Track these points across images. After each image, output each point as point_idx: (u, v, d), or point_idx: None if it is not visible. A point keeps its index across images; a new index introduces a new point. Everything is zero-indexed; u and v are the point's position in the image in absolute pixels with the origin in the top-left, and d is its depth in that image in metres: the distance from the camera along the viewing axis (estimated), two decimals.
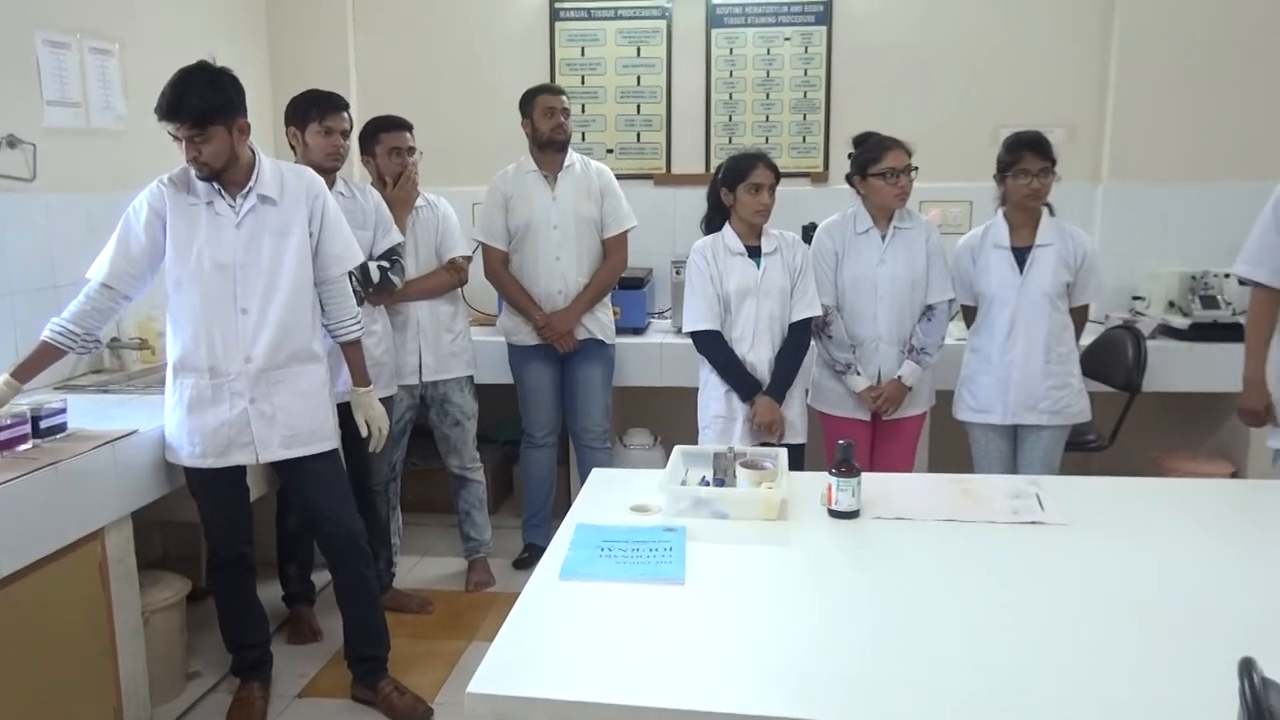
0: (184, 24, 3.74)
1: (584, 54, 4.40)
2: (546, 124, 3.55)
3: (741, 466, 2.21)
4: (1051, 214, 3.11)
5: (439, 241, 3.49)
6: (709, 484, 2.25)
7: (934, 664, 1.49)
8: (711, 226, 3.12)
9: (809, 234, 3.41)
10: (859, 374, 3.15)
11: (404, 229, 3.31)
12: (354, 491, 2.85)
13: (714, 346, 3.05)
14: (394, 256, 3.20)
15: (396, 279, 3.20)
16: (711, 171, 3.43)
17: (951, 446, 3.45)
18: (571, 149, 3.67)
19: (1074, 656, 1.51)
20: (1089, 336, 3.59)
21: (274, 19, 4.40)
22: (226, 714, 2.81)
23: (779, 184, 3.03)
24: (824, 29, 4.26)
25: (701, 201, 3.18)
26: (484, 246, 3.66)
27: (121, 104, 3.37)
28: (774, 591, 1.77)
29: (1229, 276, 3.68)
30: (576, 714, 1.41)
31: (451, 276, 3.51)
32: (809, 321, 3.09)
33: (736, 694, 1.41)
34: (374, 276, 3.10)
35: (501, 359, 3.79)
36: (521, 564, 3.81)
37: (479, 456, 3.70)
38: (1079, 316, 3.16)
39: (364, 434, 2.84)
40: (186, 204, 2.53)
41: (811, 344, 3.18)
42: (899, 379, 3.13)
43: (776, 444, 2.91)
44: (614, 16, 4.36)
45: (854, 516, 2.08)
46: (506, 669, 1.50)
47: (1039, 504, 2.12)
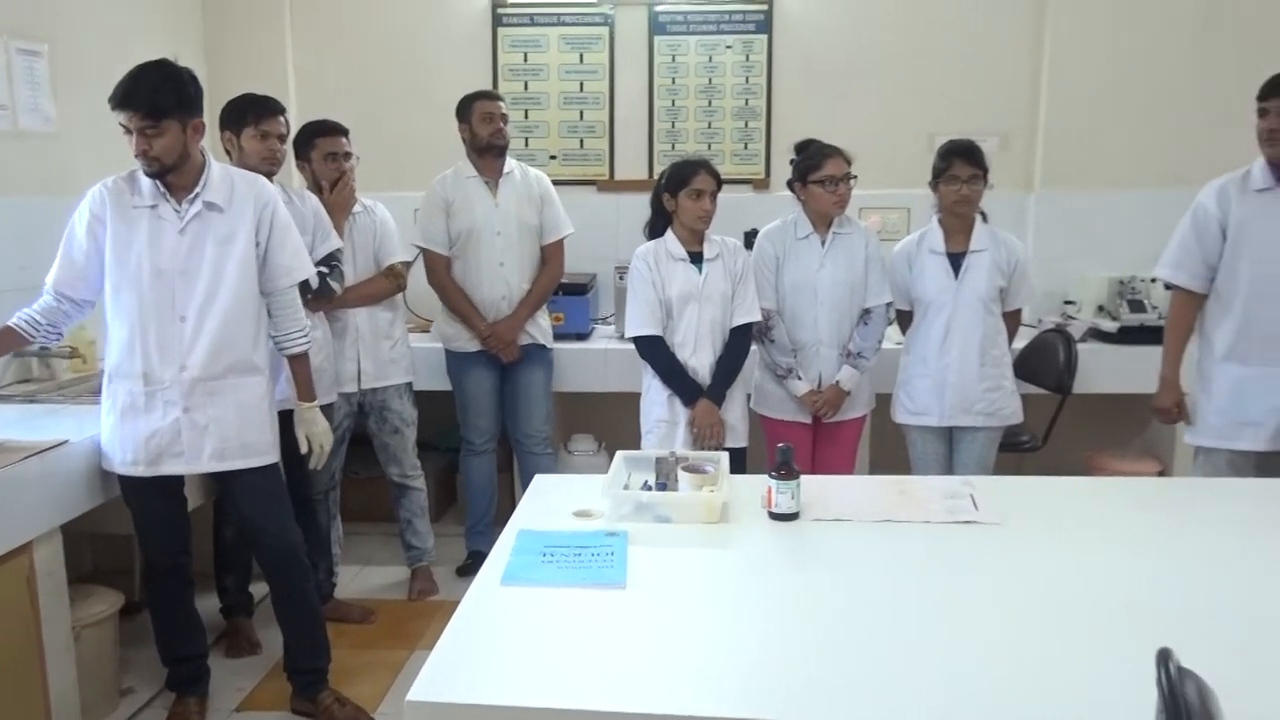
0: (116, 25, 3.66)
1: (527, 60, 4.40)
2: (485, 129, 3.55)
3: (683, 470, 2.23)
4: (985, 220, 3.19)
5: (377, 247, 3.47)
6: (651, 488, 2.27)
7: (872, 661, 1.52)
8: (654, 232, 3.14)
9: (751, 240, 3.45)
10: (799, 378, 3.19)
11: (341, 234, 3.28)
12: (293, 501, 2.80)
13: (656, 352, 3.07)
14: (333, 262, 3.17)
15: (336, 285, 3.16)
16: (654, 178, 3.45)
17: (892, 448, 3.51)
18: (509, 156, 3.67)
19: (1005, 650, 1.55)
20: (1022, 340, 3.68)
21: (210, 21, 4.33)
22: None
23: (721, 190, 3.07)
24: (764, 38, 4.32)
25: (645, 207, 3.19)
26: (425, 252, 3.64)
27: (50, 106, 3.29)
28: (715, 594, 1.78)
29: (1155, 281, 3.80)
30: (517, 719, 1.41)
31: (390, 283, 3.48)
32: (749, 326, 3.12)
33: (678, 696, 1.42)
34: (313, 283, 3.06)
35: (440, 365, 3.77)
36: (465, 571, 3.78)
37: (419, 464, 3.68)
38: (1012, 321, 3.25)
39: (304, 450, 2.78)
40: (129, 207, 2.48)
41: (754, 348, 3.22)
42: (838, 383, 3.18)
43: (718, 448, 2.94)
44: (557, 22, 4.37)
45: (794, 518, 2.10)
46: (447, 676, 1.49)
47: (973, 504, 2.16)
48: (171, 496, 2.66)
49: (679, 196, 3.03)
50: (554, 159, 4.44)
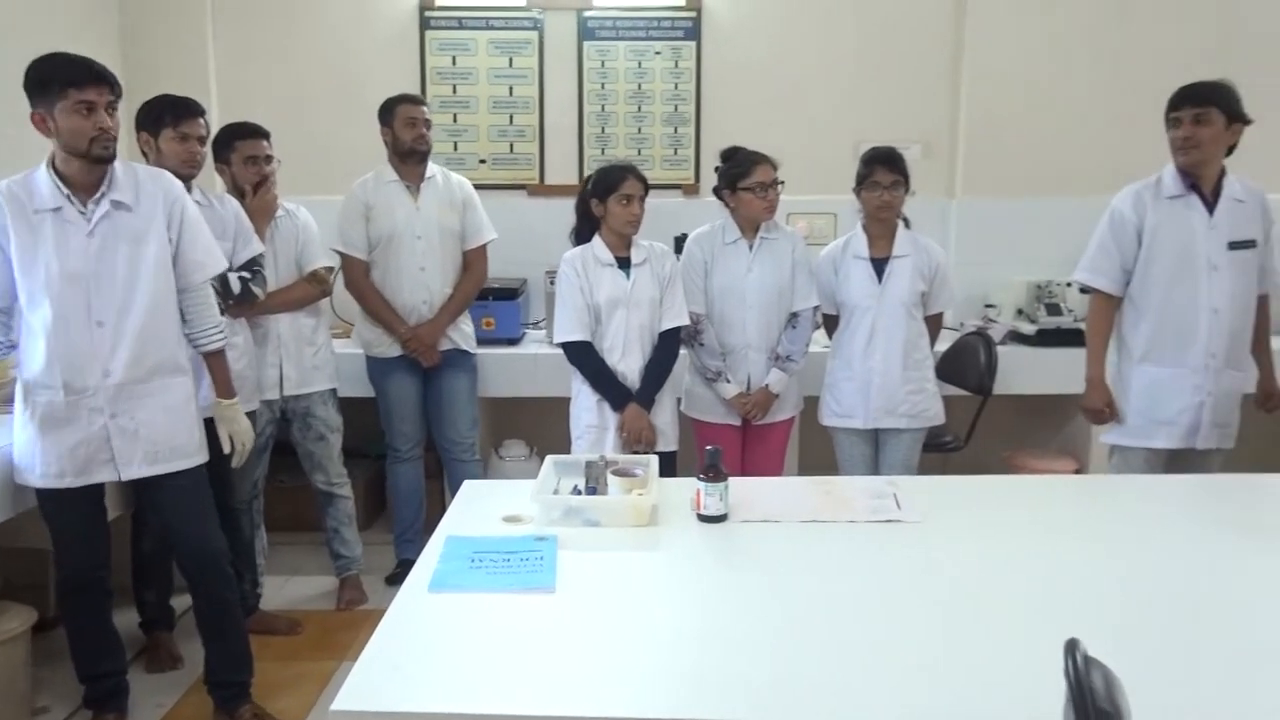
0: (28, 24, 3.54)
1: (455, 63, 4.37)
2: (408, 134, 3.52)
3: (613, 474, 2.23)
4: (907, 226, 3.26)
5: (299, 252, 3.41)
6: (581, 493, 2.27)
7: (798, 657, 1.55)
8: (580, 238, 3.15)
9: (681, 245, 3.47)
10: (729, 381, 3.22)
11: (263, 239, 3.22)
12: (216, 510, 2.75)
13: (585, 357, 3.07)
14: (255, 267, 3.11)
15: (258, 290, 3.10)
16: (586, 182, 3.46)
17: (820, 449, 3.56)
18: (431, 161, 3.65)
19: (923, 643, 1.59)
20: (944, 343, 3.77)
21: (127, 19, 4.21)
22: None
23: (648, 195, 3.08)
24: (693, 44, 4.35)
25: (574, 212, 3.20)
26: (344, 257, 3.59)
27: None
28: (644, 596, 1.79)
29: (1071, 285, 3.93)
30: None
31: (313, 288, 3.43)
32: (678, 330, 3.14)
33: (608, 698, 1.43)
34: (234, 288, 3.00)
35: (356, 370, 3.72)
36: (394, 580, 3.73)
37: (345, 472, 3.62)
38: (934, 324, 3.32)
39: (226, 450, 2.72)
40: (29, 212, 2.38)
41: (683, 352, 3.24)
42: (766, 386, 3.22)
43: (648, 451, 2.95)
44: (485, 26, 4.35)
45: (722, 520, 2.12)
46: (372, 685, 1.47)
47: (896, 503, 2.21)
48: (93, 507, 2.58)
49: (608, 202, 3.03)
50: (484, 163, 4.42)
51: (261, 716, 2.73)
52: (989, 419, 3.84)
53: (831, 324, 3.36)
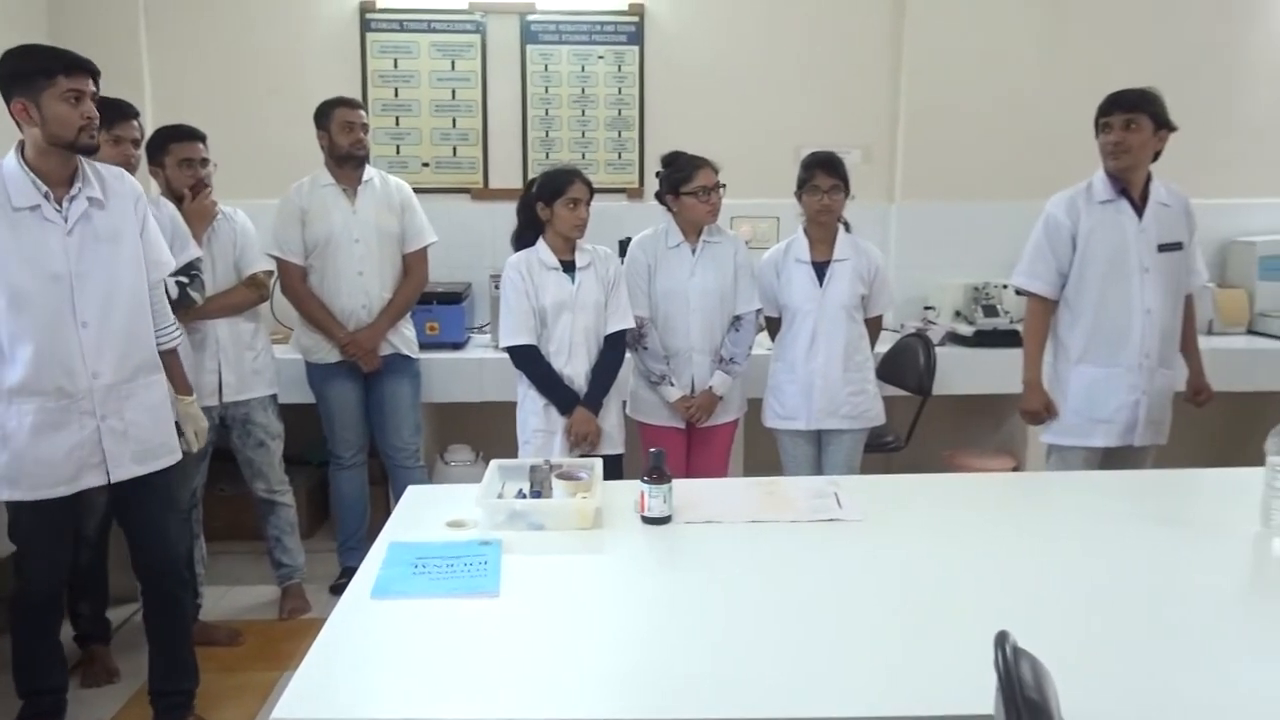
0: None
1: (397, 66, 4.33)
2: (346, 139, 3.48)
3: (557, 478, 2.24)
4: (848, 230, 3.31)
5: (238, 256, 3.36)
6: (526, 496, 2.27)
7: (740, 654, 1.56)
8: (522, 241, 3.15)
9: (625, 248, 3.48)
10: (672, 384, 3.24)
11: (200, 243, 3.17)
12: None
13: (531, 361, 3.07)
14: (193, 272, 3.05)
15: (196, 295, 3.05)
16: (530, 186, 3.46)
17: (765, 451, 3.59)
18: (372, 164, 3.62)
19: (862, 637, 1.62)
20: (885, 344, 3.83)
21: (56, 20, 4.10)
22: None
23: (592, 199, 3.09)
24: (636, 49, 4.37)
25: None
26: (280, 261, 3.54)
27: None
28: (588, 598, 1.80)
29: (1007, 287, 4.01)
30: None
31: (252, 293, 3.38)
32: (624, 333, 3.15)
33: (551, 700, 1.44)
34: (172, 293, 2.94)
35: (296, 376, 3.67)
36: (338, 589, 3.68)
37: (287, 479, 3.57)
38: (874, 327, 3.38)
39: (193, 449, 2.75)
40: (8, 210, 2.32)
41: (629, 356, 3.25)
42: (710, 389, 3.24)
43: (594, 454, 2.96)
44: (427, 29, 4.32)
45: (666, 522, 2.13)
46: (313, 693, 1.46)
47: (837, 502, 2.24)
48: (71, 517, 2.55)
49: (554, 205, 3.03)
50: (426, 166, 4.39)
51: None
52: (929, 419, 3.91)
53: (774, 327, 3.40)
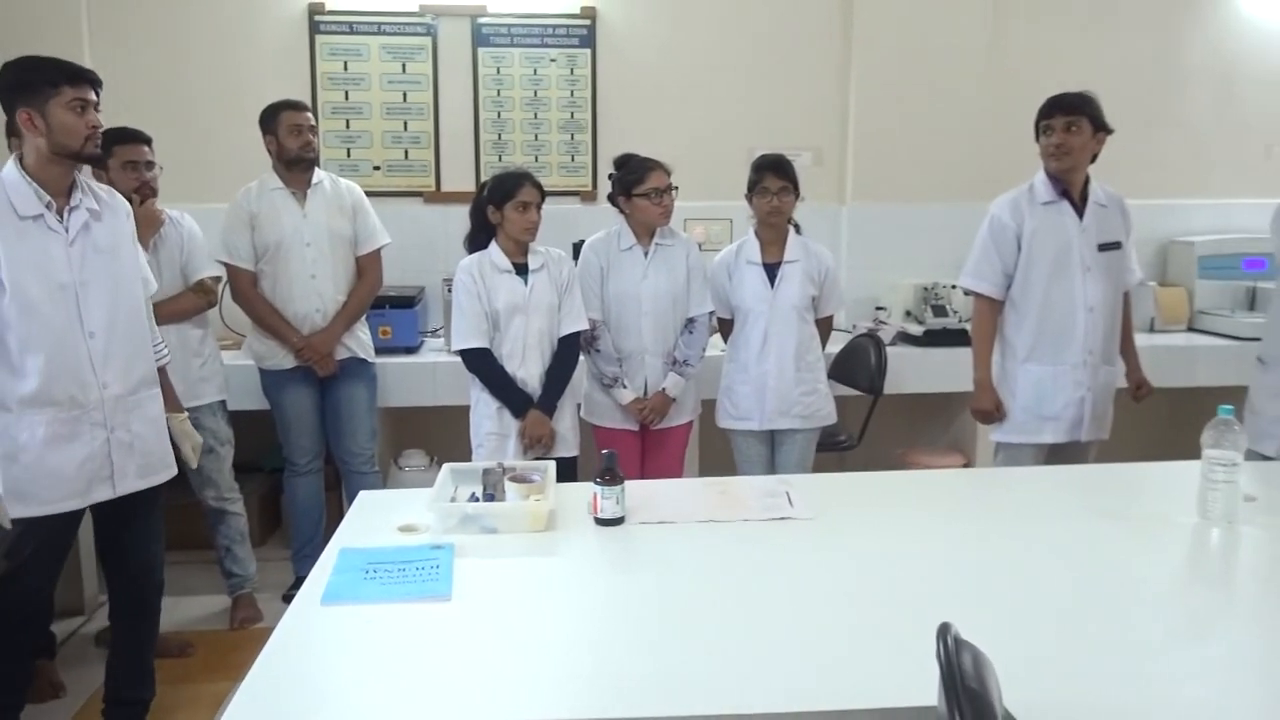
0: None
1: (347, 68, 4.30)
2: (294, 142, 3.45)
3: (510, 481, 2.23)
4: (798, 232, 3.34)
5: (185, 261, 3.32)
6: (479, 500, 2.26)
7: (692, 653, 1.57)
8: (475, 245, 3.14)
9: (579, 251, 3.49)
10: (625, 386, 3.25)
11: (147, 248, 3.11)
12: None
13: (483, 364, 3.06)
14: None
15: None
16: (482, 189, 3.45)
17: (720, 451, 3.62)
18: (322, 167, 3.59)
19: (811, 633, 1.64)
20: (837, 345, 3.87)
21: None
22: None
23: (544, 202, 3.09)
24: (588, 52, 4.38)
25: None
26: (229, 267, 3.49)
27: None
28: (541, 600, 1.80)
29: (956, 287, 4.08)
30: None
31: (200, 298, 3.34)
32: (577, 335, 3.16)
33: (503, 702, 1.43)
34: None
35: (248, 384, 3.62)
36: (292, 598, 3.63)
37: (237, 486, 3.53)
38: (824, 327, 3.42)
39: (191, 464, 2.77)
40: (14, 219, 2.31)
41: (582, 358, 3.26)
42: (664, 391, 3.26)
43: (548, 457, 2.95)
44: (377, 31, 4.29)
45: (619, 523, 2.14)
46: (261, 702, 1.44)
47: (789, 501, 2.26)
48: (72, 531, 2.53)
49: (505, 209, 3.03)
50: (378, 170, 4.36)
51: None
52: (881, 418, 3.96)
53: (726, 328, 3.43)
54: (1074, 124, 2.96)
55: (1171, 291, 4.47)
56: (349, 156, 4.32)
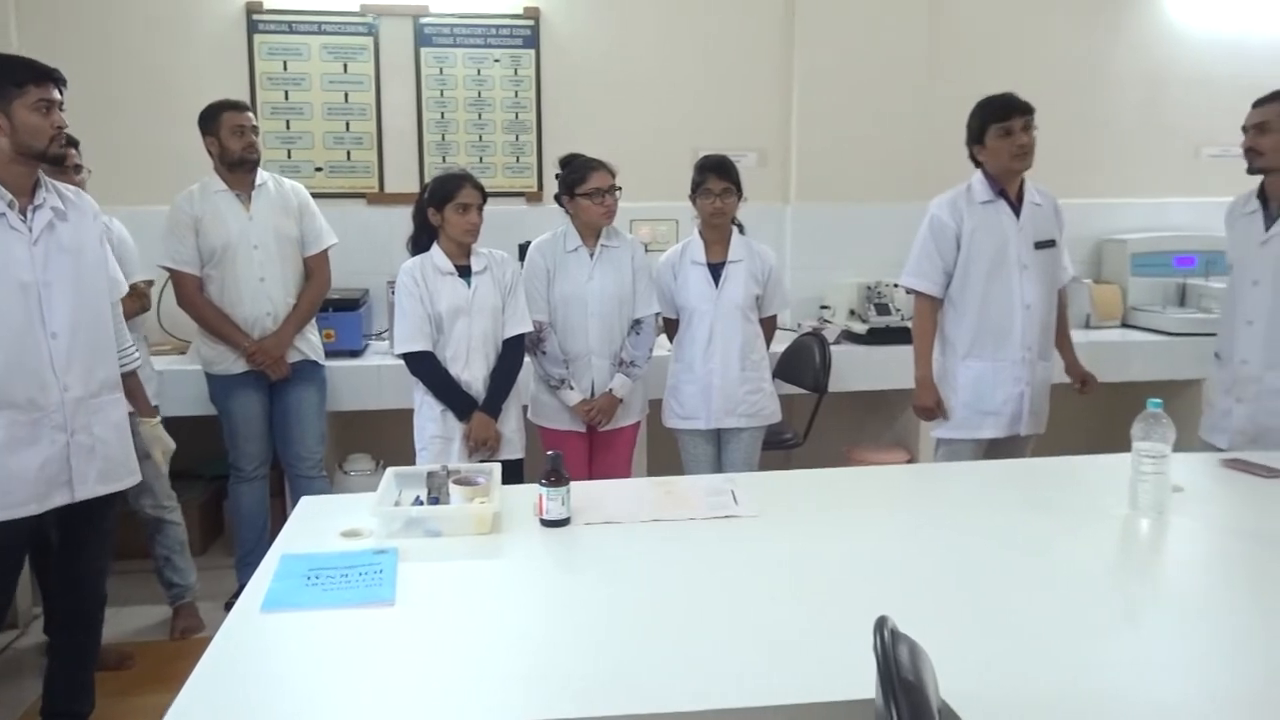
0: None
1: (286, 68, 4.24)
2: (238, 144, 3.39)
3: (455, 484, 2.22)
4: (742, 232, 3.37)
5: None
6: (423, 503, 2.24)
7: (637, 651, 1.58)
8: (418, 247, 3.12)
9: (524, 252, 3.48)
10: (572, 388, 3.24)
11: None
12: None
13: (426, 367, 3.04)
14: None
15: None
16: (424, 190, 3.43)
17: (668, 451, 3.63)
18: (263, 168, 3.53)
19: (754, 629, 1.65)
20: (782, 344, 3.91)
21: None
22: None
23: (486, 203, 3.08)
24: (532, 52, 4.37)
25: None
26: (174, 273, 3.43)
27: None
28: (485, 603, 1.79)
29: (898, 286, 4.13)
30: None
31: (133, 303, 3.26)
32: (522, 337, 3.15)
33: (447, 706, 1.42)
34: None
35: (200, 389, 3.56)
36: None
37: (174, 495, 3.46)
38: (768, 326, 3.45)
39: (161, 469, 2.77)
40: None
41: (528, 360, 3.25)
42: (611, 392, 3.26)
43: (494, 459, 2.94)
44: (318, 31, 4.24)
45: (565, 524, 2.14)
46: (199, 712, 1.42)
47: (733, 499, 2.28)
48: (32, 538, 2.47)
49: (445, 210, 3.01)
50: (319, 171, 4.31)
51: None
52: (826, 415, 4.00)
53: (672, 329, 3.44)
54: (1030, 124, 3.02)
55: (1106, 289, 4.59)
56: (289, 158, 4.27)
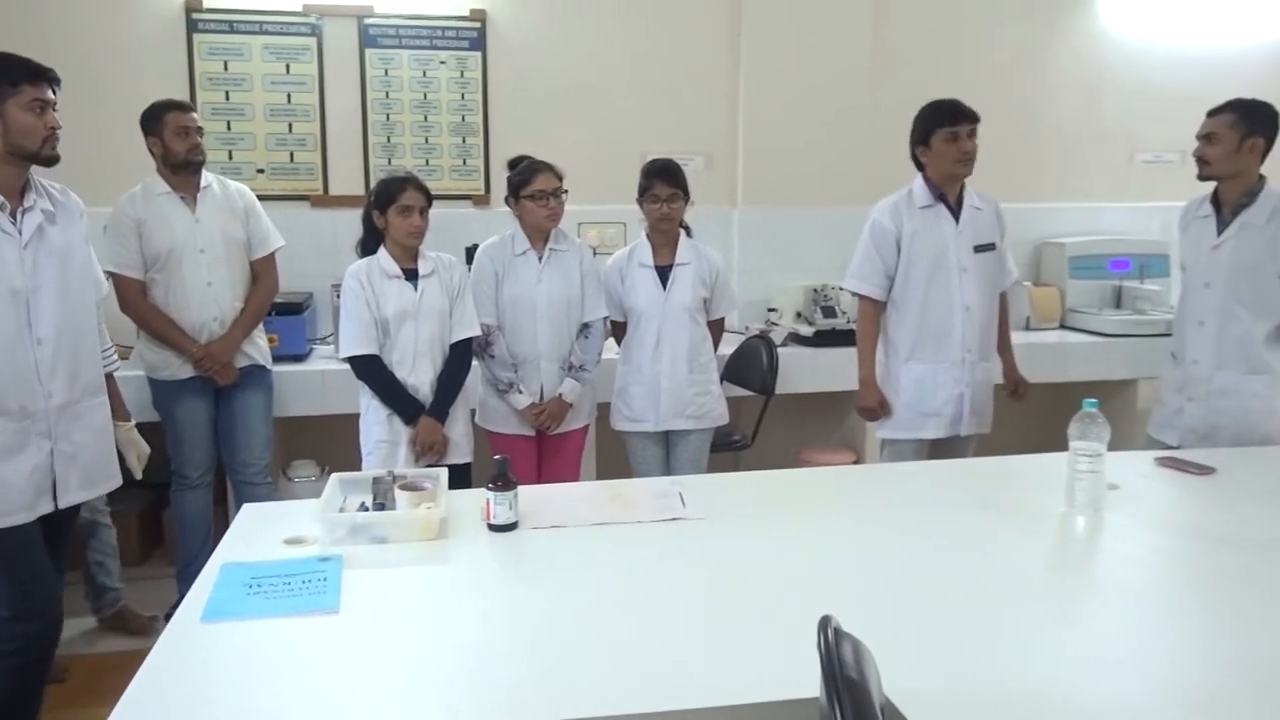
0: None
1: (227, 68, 4.17)
2: (182, 145, 3.32)
3: (400, 489, 2.19)
4: (689, 235, 3.38)
5: None
6: (369, 509, 2.22)
7: (584, 654, 1.58)
8: (367, 250, 3.09)
9: (472, 255, 3.46)
10: (521, 392, 3.23)
11: None
12: None
13: (372, 371, 3.01)
14: None
15: None
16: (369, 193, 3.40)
17: (616, 454, 3.63)
18: (206, 170, 3.46)
19: (699, 630, 1.66)
20: (730, 346, 3.93)
21: None
22: None
23: (431, 206, 3.05)
24: (479, 54, 4.35)
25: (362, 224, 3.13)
26: (117, 278, 3.34)
27: None
28: (432, 609, 1.78)
29: (843, 289, 4.19)
30: None
31: None
32: (469, 341, 3.13)
33: (393, 714, 1.41)
34: None
35: (140, 394, 3.47)
36: None
37: (106, 499, 3.37)
38: (716, 329, 3.47)
39: (136, 474, 2.73)
40: None
41: (476, 364, 3.23)
42: (560, 396, 3.25)
43: (441, 464, 2.92)
44: (259, 30, 4.17)
45: (512, 529, 2.13)
46: None
47: (681, 502, 2.29)
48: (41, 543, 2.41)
49: (388, 213, 2.99)
50: (261, 173, 4.24)
51: None
52: (774, 417, 4.03)
53: (619, 332, 3.44)
54: (974, 131, 3.08)
55: (1045, 291, 4.69)
56: (231, 159, 4.19)
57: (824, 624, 1.16)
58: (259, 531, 2.15)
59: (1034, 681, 1.49)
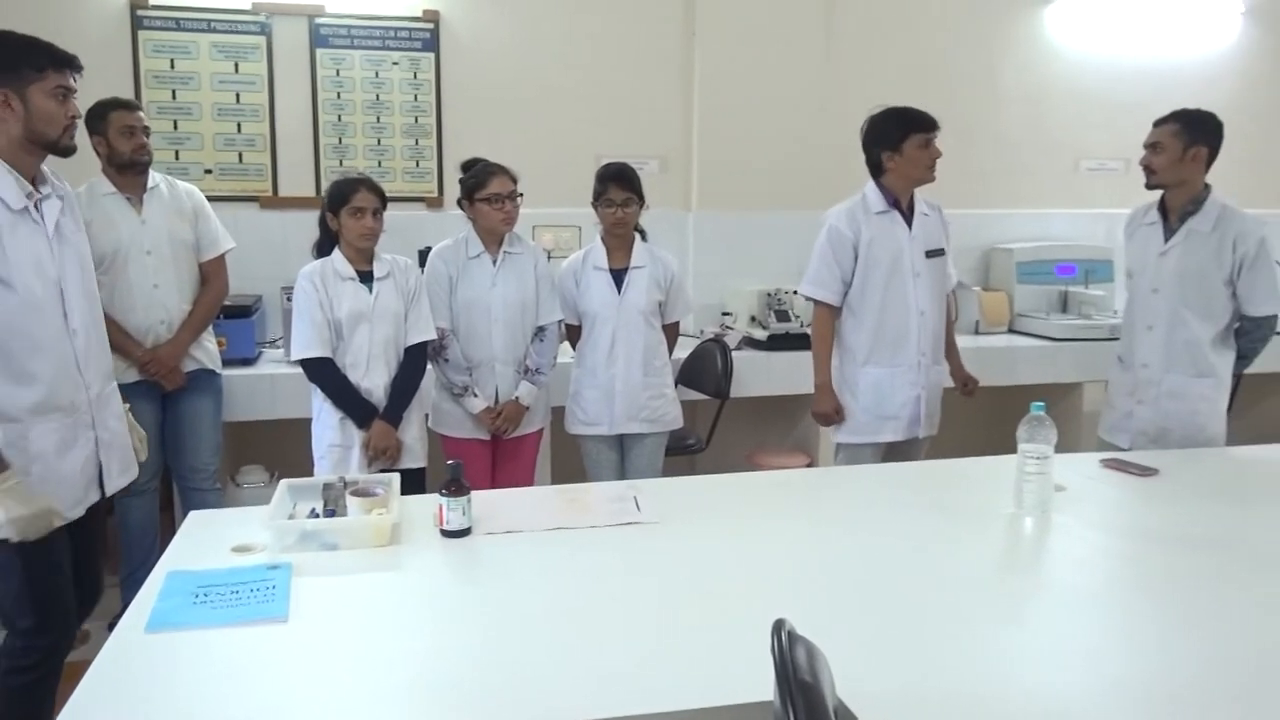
0: None
1: (174, 66, 4.09)
2: (128, 144, 3.25)
3: (352, 495, 2.17)
4: (644, 239, 3.39)
5: None
6: (319, 516, 2.19)
7: (536, 660, 1.57)
8: (322, 251, 3.05)
9: (425, 258, 3.43)
10: (476, 395, 3.21)
11: None
12: None
13: (325, 374, 2.97)
14: None
15: None
16: (322, 195, 3.35)
17: (572, 458, 3.62)
18: (153, 170, 3.40)
19: (653, 634, 1.66)
20: (685, 349, 3.94)
21: None
22: None
23: (386, 208, 3.02)
24: (432, 56, 4.31)
25: (314, 225, 3.10)
26: None
27: None
28: (383, 616, 1.75)
29: (797, 293, 4.21)
30: None
31: None
32: (425, 345, 3.10)
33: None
34: None
35: None
36: None
37: None
38: (670, 333, 3.47)
39: (140, 456, 2.64)
40: (8, 214, 2.14)
41: (430, 367, 3.20)
42: (516, 399, 3.23)
43: (394, 469, 2.89)
44: (207, 29, 4.10)
45: (466, 534, 2.11)
46: None
47: (636, 505, 2.29)
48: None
49: (341, 215, 2.95)
50: (209, 173, 4.16)
51: None
52: (729, 420, 4.05)
53: (574, 334, 3.43)
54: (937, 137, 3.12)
55: (993, 296, 4.76)
56: (177, 159, 4.11)
57: (777, 627, 1.17)
58: (206, 539, 2.11)
59: (987, 681, 1.51)
